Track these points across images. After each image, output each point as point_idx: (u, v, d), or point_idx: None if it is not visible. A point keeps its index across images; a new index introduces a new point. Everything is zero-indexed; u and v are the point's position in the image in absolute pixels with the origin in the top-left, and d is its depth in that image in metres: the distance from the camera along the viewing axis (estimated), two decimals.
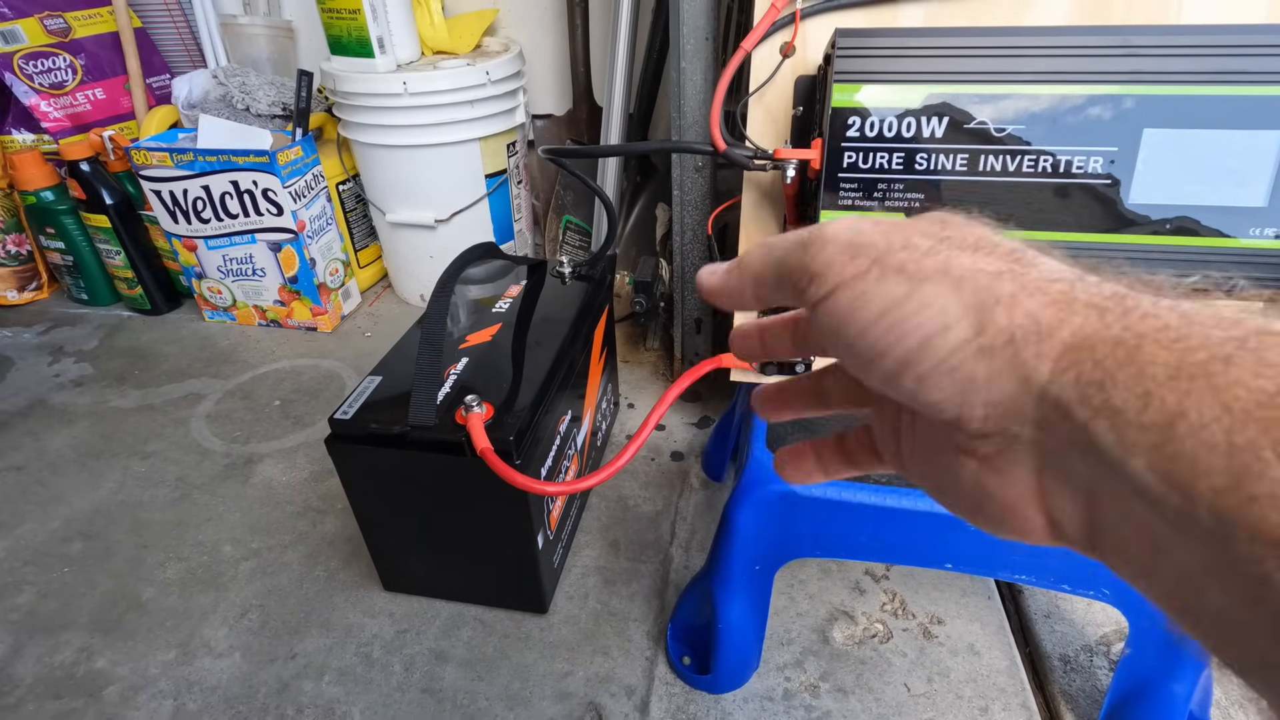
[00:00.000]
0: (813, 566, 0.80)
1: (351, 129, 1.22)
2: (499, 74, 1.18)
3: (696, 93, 0.84)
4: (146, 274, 1.36)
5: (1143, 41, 0.46)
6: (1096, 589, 0.55)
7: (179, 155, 1.16)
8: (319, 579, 0.81)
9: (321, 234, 1.27)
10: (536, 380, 0.68)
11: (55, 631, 0.77)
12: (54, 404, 1.15)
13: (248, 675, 0.71)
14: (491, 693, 0.69)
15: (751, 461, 0.61)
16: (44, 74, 1.34)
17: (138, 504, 0.94)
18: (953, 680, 0.68)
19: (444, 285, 0.66)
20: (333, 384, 1.17)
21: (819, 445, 0.26)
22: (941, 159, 0.51)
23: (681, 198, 0.92)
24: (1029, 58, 0.48)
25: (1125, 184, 0.49)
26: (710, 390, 1.09)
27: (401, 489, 0.68)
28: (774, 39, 0.60)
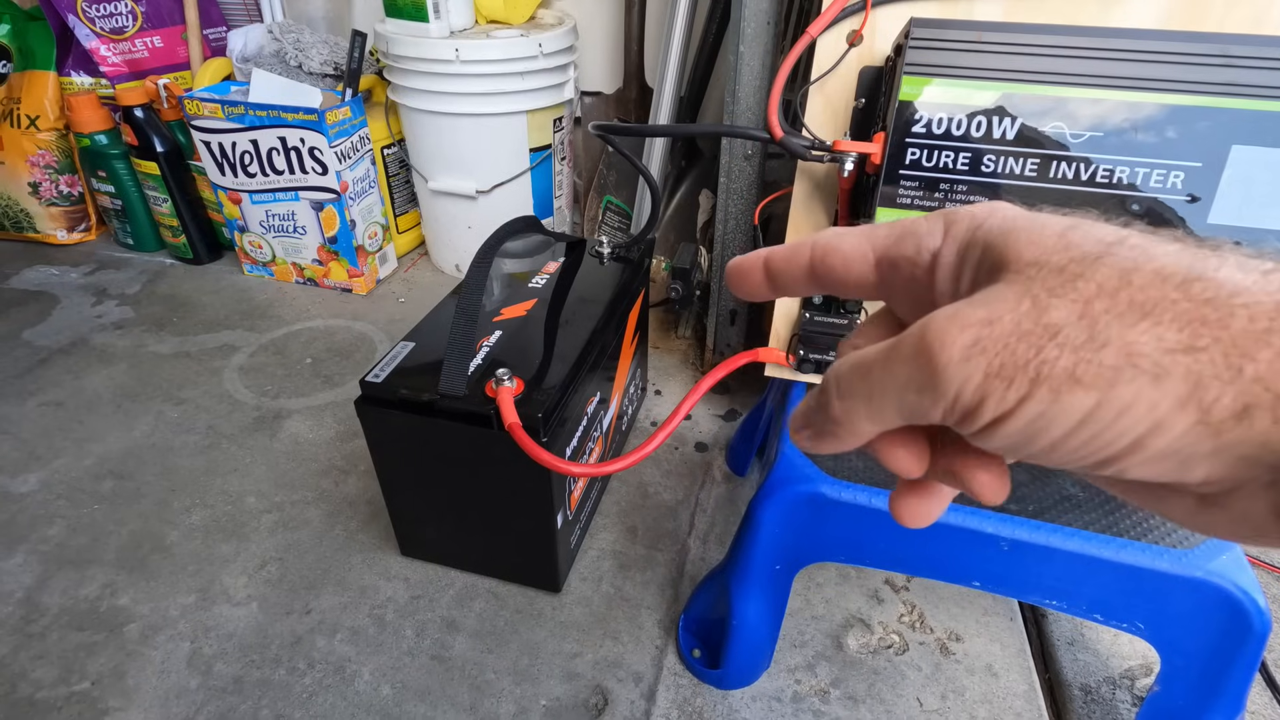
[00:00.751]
0: (831, 570, 0.79)
1: (401, 93, 1.22)
2: (551, 47, 1.17)
3: (753, 78, 0.81)
4: (191, 224, 1.38)
5: (1241, 51, 0.44)
6: (1131, 621, 0.53)
7: (230, 107, 1.17)
8: (338, 538, 0.82)
9: (363, 196, 1.27)
10: (568, 359, 0.67)
11: (82, 566, 0.79)
12: (95, 344, 1.17)
13: (263, 626, 0.72)
14: (500, 666, 0.69)
15: (781, 459, 0.59)
16: (105, 18, 1.36)
17: (169, 448, 0.95)
18: (967, 700, 0.67)
19: (483, 256, 0.65)
20: (364, 346, 1.18)
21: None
22: (1010, 163, 0.49)
23: (728, 185, 0.90)
24: (1115, 61, 0.46)
25: (1205, 203, 0.47)
26: (739, 383, 1.07)
27: (426, 456, 0.68)
28: (841, 26, 0.58)
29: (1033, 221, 0.15)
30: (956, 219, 0.17)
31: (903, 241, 0.17)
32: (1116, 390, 0.13)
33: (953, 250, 0.17)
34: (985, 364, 0.14)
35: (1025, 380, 0.14)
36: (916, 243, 0.17)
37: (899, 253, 0.17)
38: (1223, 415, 0.13)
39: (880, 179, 0.51)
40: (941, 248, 0.17)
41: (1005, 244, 0.15)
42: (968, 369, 0.14)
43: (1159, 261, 0.13)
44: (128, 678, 0.68)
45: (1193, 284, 0.13)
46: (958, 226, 0.17)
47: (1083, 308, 0.14)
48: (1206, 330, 0.13)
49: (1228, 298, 0.13)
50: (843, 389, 0.17)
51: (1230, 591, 0.49)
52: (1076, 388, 0.13)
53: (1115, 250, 0.14)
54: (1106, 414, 0.13)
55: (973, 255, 0.16)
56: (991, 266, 0.15)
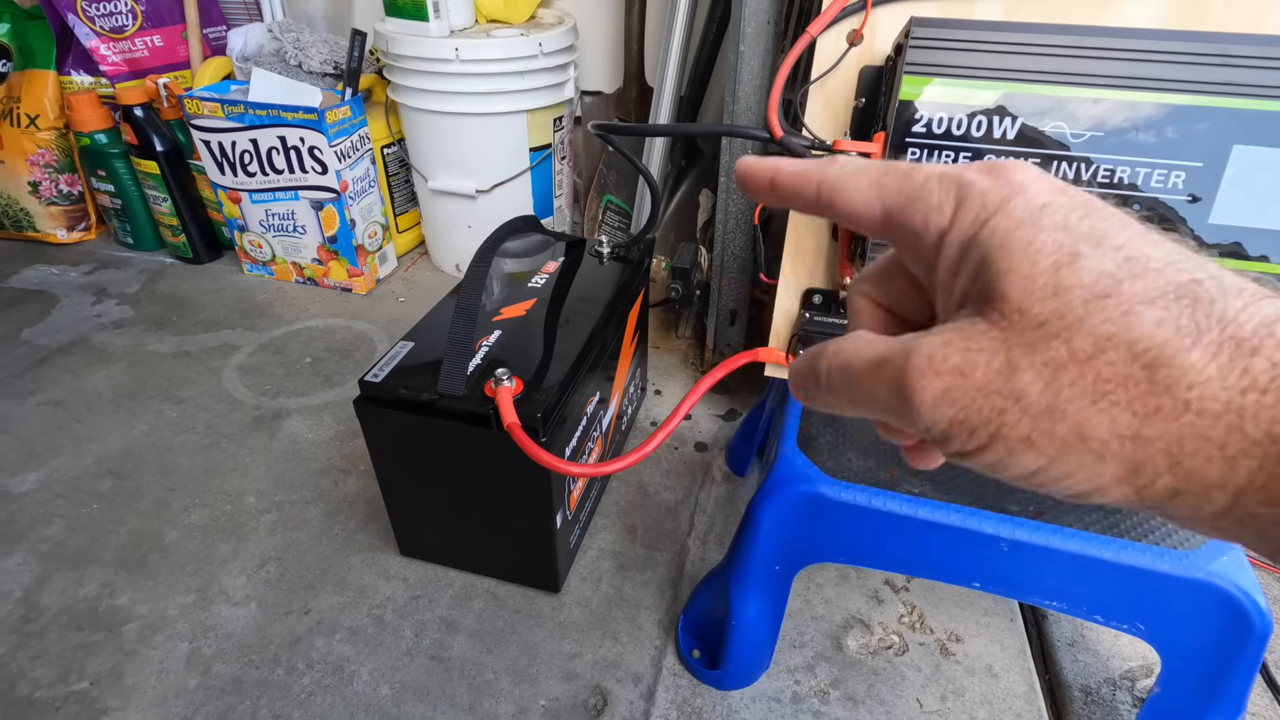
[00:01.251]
0: (831, 571, 0.79)
1: (401, 92, 1.22)
2: (552, 46, 1.17)
3: (753, 77, 0.81)
4: (191, 223, 1.38)
5: (1241, 51, 0.43)
6: (1131, 622, 0.53)
7: (230, 107, 1.17)
8: (337, 537, 0.82)
9: (363, 196, 1.27)
10: (567, 359, 0.67)
11: (81, 565, 0.79)
12: (94, 343, 1.17)
13: (262, 626, 0.72)
14: (499, 666, 0.69)
15: (780, 460, 0.59)
16: (105, 17, 1.36)
17: (168, 448, 0.95)
18: (967, 701, 0.66)
19: (483, 255, 0.65)
20: (363, 346, 1.17)
21: None
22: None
23: (727, 185, 0.90)
24: (1115, 60, 0.45)
25: (1206, 203, 0.47)
26: (740, 383, 1.07)
27: (425, 456, 0.68)
28: (841, 26, 0.58)
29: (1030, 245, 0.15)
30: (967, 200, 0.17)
31: (911, 209, 0.17)
32: (1064, 458, 0.15)
33: (956, 243, 0.17)
34: (952, 414, 0.15)
35: (985, 434, 0.15)
36: (925, 217, 0.17)
37: (906, 221, 0.18)
38: (1156, 495, 0.14)
39: None
40: (948, 232, 0.17)
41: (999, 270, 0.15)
42: (936, 414, 0.16)
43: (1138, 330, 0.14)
44: (126, 677, 0.68)
45: (1159, 369, 0.14)
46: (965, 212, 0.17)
47: (1050, 377, 0.14)
48: (1158, 420, 0.14)
49: (1185, 390, 0.13)
50: (832, 385, 0.18)
51: (1231, 593, 0.49)
52: (1029, 449, 0.15)
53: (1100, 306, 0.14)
54: (1053, 474, 0.15)
55: (972, 259, 0.16)
56: (984, 289, 0.16)
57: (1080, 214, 0.15)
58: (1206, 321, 0.14)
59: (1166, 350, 0.14)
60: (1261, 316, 0.14)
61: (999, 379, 0.15)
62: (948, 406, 0.15)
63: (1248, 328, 0.13)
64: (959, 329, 0.16)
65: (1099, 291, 0.14)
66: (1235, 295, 0.14)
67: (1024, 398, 0.15)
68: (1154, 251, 0.15)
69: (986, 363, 0.15)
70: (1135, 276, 0.14)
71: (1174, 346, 0.14)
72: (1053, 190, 0.16)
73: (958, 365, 0.15)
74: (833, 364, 0.18)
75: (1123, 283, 0.14)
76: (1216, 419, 0.13)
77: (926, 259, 0.18)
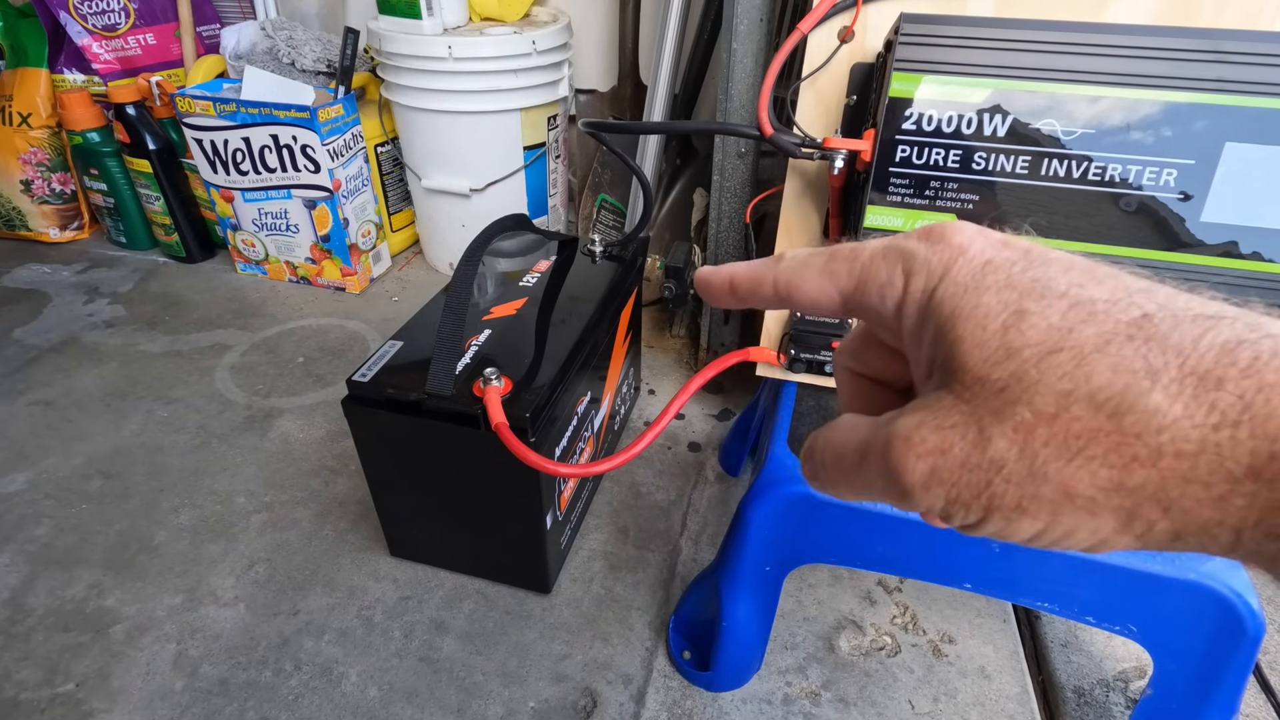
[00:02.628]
0: (823, 572, 0.78)
1: (394, 90, 1.21)
2: (545, 44, 1.16)
3: (746, 75, 0.81)
4: (184, 222, 1.37)
5: (1234, 48, 0.43)
6: (1124, 624, 0.53)
7: (222, 105, 1.16)
8: (327, 538, 0.81)
9: (356, 194, 1.27)
10: (558, 358, 0.67)
11: (69, 566, 0.78)
12: (85, 342, 1.17)
13: (250, 627, 0.72)
14: (488, 668, 0.68)
15: (771, 460, 0.59)
16: (98, 15, 1.35)
17: (158, 448, 0.95)
18: (960, 702, 0.66)
19: (472, 254, 0.64)
20: (356, 345, 1.17)
21: None
22: (1001, 160, 0.48)
23: (721, 183, 0.89)
24: (1107, 57, 0.45)
25: (1198, 200, 0.46)
26: (733, 383, 1.07)
27: (414, 456, 0.67)
28: (832, 23, 0.58)
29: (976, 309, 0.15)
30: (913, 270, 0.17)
31: (865, 290, 0.18)
32: (1059, 519, 0.14)
33: (913, 312, 0.17)
34: (944, 493, 0.15)
35: (980, 508, 0.15)
36: (879, 293, 0.17)
37: (864, 301, 0.18)
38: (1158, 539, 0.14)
39: (870, 177, 0.51)
40: (903, 303, 0.17)
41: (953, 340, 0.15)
42: (930, 496, 0.16)
43: (1095, 381, 0.14)
44: (113, 679, 0.67)
45: (1124, 416, 0.13)
46: (915, 283, 0.17)
47: (1023, 441, 0.14)
48: (1137, 469, 0.13)
49: (1155, 434, 0.13)
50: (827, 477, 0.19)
51: (1223, 594, 0.49)
52: (1024, 516, 0.15)
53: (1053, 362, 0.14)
54: (1055, 534, 0.15)
55: (929, 328, 0.16)
56: (944, 359, 0.16)
57: (1021, 266, 0.15)
58: (1162, 359, 0.13)
59: (1128, 396, 0.13)
60: (1221, 344, 0.13)
61: (976, 452, 0.15)
62: (938, 486, 0.15)
63: (1209, 358, 0.13)
64: (929, 406, 0.16)
65: (1049, 347, 0.14)
66: (1190, 323, 0.13)
67: (1004, 466, 0.14)
68: (1098, 291, 0.15)
69: (961, 437, 0.15)
70: (1083, 323, 0.14)
71: (1134, 391, 0.13)
72: (992, 246, 0.16)
73: (936, 444, 0.15)
74: (825, 458, 0.19)
75: (1071, 332, 0.14)
76: (1195, 459, 0.13)
77: (893, 330, 0.18)
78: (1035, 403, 0.14)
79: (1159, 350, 0.13)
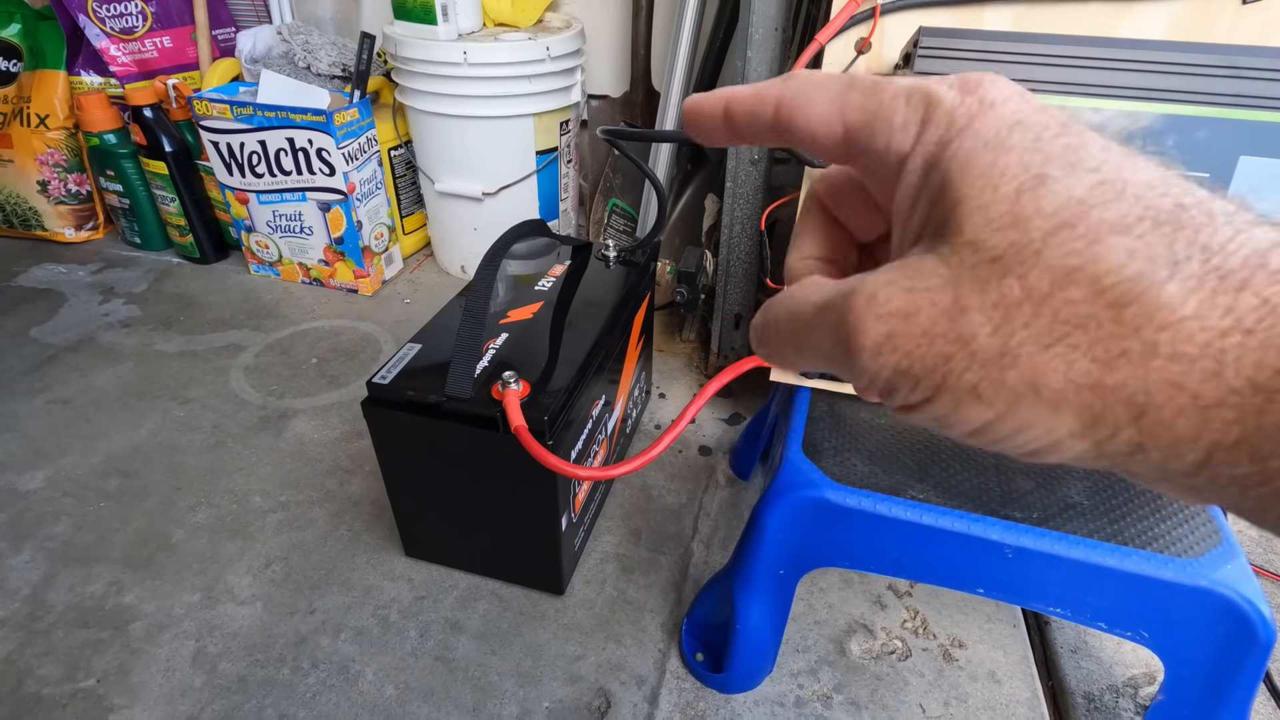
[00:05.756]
0: (834, 575, 0.79)
1: (408, 95, 1.22)
2: (559, 50, 1.17)
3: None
4: (198, 223, 1.38)
5: (1250, 63, 0.44)
6: (1135, 629, 0.53)
7: (239, 108, 1.18)
8: (342, 538, 0.82)
9: (370, 197, 1.28)
10: (574, 362, 0.68)
11: (88, 563, 0.79)
12: (102, 342, 1.18)
13: (268, 625, 0.73)
14: (503, 668, 0.69)
15: (785, 465, 0.60)
16: (116, 18, 1.37)
17: (175, 447, 0.96)
18: (970, 706, 0.67)
19: (491, 258, 0.65)
20: (369, 347, 1.18)
21: None
22: None
23: (734, 190, 0.90)
24: (1122, 71, 0.46)
25: None
26: (743, 387, 1.07)
27: (432, 458, 0.68)
28: (850, 34, 0.58)
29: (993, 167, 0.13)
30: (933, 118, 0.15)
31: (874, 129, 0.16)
32: (1015, 410, 0.13)
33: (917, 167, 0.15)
34: (895, 361, 0.14)
35: (930, 384, 0.14)
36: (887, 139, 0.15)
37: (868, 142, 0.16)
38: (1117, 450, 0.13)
39: None
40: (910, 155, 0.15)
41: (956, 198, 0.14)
42: (879, 363, 0.14)
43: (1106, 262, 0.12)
44: (133, 675, 0.68)
45: (1128, 306, 0.12)
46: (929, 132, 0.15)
47: (1002, 317, 0.13)
48: (1123, 366, 0.12)
49: (1155, 330, 0.12)
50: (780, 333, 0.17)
51: (1235, 601, 0.49)
52: (976, 401, 0.13)
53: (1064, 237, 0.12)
54: (1004, 428, 0.13)
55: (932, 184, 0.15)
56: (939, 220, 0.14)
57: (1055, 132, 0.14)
58: (1188, 250, 0.12)
59: (1138, 284, 0.12)
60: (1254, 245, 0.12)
61: (945, 321, 0.13)
62: (890, 354, 0.14)
63: (1236, 257, 0.12)
64: (905, 266, 0.14)
65: (1064, 220, 0.13)
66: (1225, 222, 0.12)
67: (972, 342, 0.13)
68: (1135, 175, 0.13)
69: (932, 303, 0.13)
70: (1108, 202, 0.12)
71: (1147, 280, 0.12)
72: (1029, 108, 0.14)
73: (901, 307, 0.14)
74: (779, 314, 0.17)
75: (1093, 209, 0.12)
76: (1191, 364, 0.12)
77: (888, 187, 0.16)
78: (1029, 278, 0.13)
79: (1186, 242, 0.12)
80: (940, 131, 0.15)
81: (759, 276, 0.97)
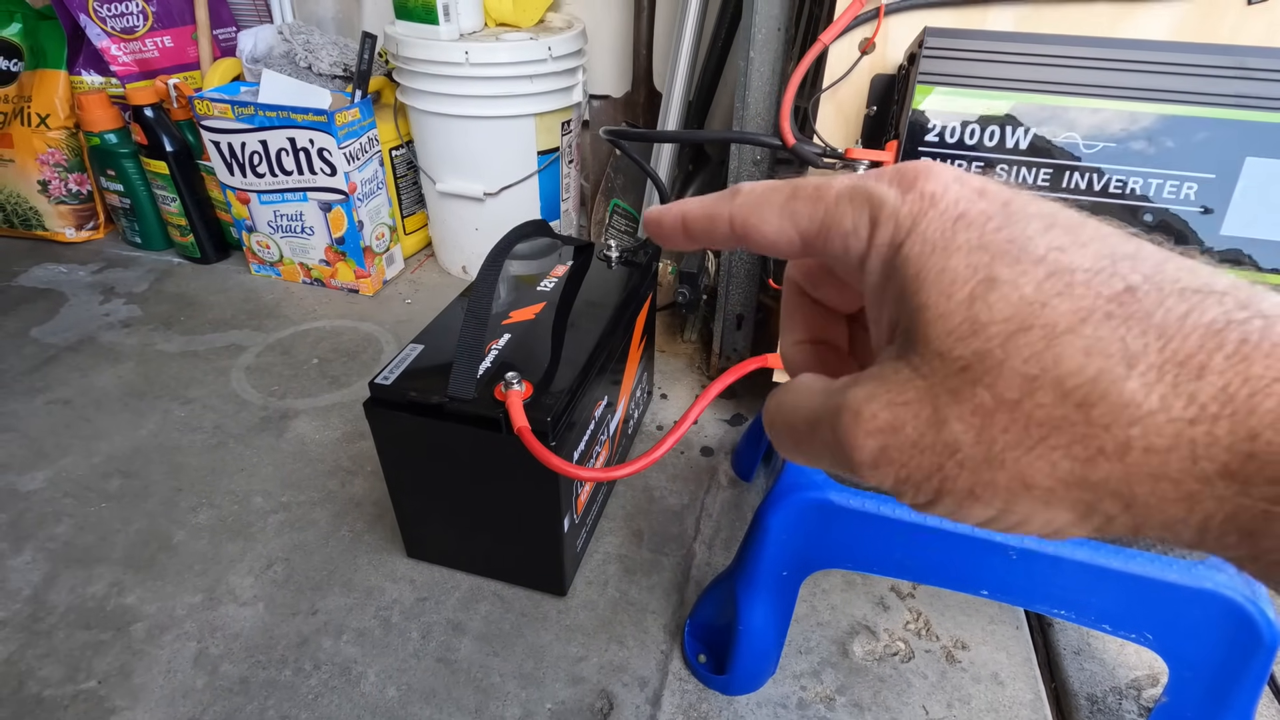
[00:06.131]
0: (836, 577, 0.79)
1: (410, 95, 1.22)
2: (561, 50, 1.17)
3: (763, 84, 0.82)
4: (199, 223, 1.38)
5: (1255, 64, 0.44)
6: (1139, 631, 0.53)
7: (240, 108, 1.17)
8: (344, 539, 0.82)
9: (371, 197, 1.28)
10: (576, 363, 0.68)
11: (90, 564, 0.79)
12: (102, 342, 1.18)
13: (269, 627, 0.72)
14: (505, 669, 0.69)
15: (789, 466, 0.60)
16: (116, 18, 1.37)
17: (176, 447, 0.96)
18: (973, 708, 0.66)
19: (494, 259, 0.65)
20: (370, 347, 1.18)
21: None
22: (1023, 172, 0.49)
23: None
24: (1129, 72, 0.46)
25: (1218, 215, 0.47)
26: (745, 388, 1.07)
27: (434, 459, 0.68)
28: (853, 34, 0.58)
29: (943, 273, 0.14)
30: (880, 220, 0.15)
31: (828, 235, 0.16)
32: (1013, 507, 0.14)
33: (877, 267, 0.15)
34: (894, 472, 0.15)
35: (930, 490, 0.14)
36: (843, 241, 0.16)
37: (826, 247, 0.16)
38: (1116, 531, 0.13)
39: None
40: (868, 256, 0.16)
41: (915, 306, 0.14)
42: (879, 475, 0.15)
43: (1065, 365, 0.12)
44: (134, 677, 0.68)
45: (1094, 406, 0.12)
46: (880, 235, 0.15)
47: (980, 424, 0.13)
48: (1102, 463, 0.12)
49: (1125, 427, 0.12)
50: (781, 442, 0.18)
51: (1240, 603, 0.49)
52: (975, 502, 0.14)
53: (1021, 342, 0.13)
54: (1008, 521, 0.14)
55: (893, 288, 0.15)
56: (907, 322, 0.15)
57: (997, 223, 0.14)
58: (1142, 341, 0.12)
59: (1099, 383, 0.12)
60: (1207, 323, 0.12)
61: (930, 433, 0.14)
62: (887, 466, 0.15)
63: (1192, 340, 0.12)
64: (883, 379, 0.15)
65: (1018, 324, 0.13)
66: (1176, 298, 0.12)
67: (958, 451, 0.14)
68: (1079, 258, 0.13)
69: (914, 415, 0.14)
70: (1059, 296, 0.13)
71: (1107, 378, 0.12)
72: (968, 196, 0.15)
73: (888, 422, 0.14)
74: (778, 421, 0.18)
75: (1045, 307, 0.13)
76: (1166, 455, 0.12)
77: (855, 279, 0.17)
78: (997, 386, 0.13)
79: (1139, 331, 0.12)
80: (889, 233, 0.15)
81: (761, 277, 0.97)
